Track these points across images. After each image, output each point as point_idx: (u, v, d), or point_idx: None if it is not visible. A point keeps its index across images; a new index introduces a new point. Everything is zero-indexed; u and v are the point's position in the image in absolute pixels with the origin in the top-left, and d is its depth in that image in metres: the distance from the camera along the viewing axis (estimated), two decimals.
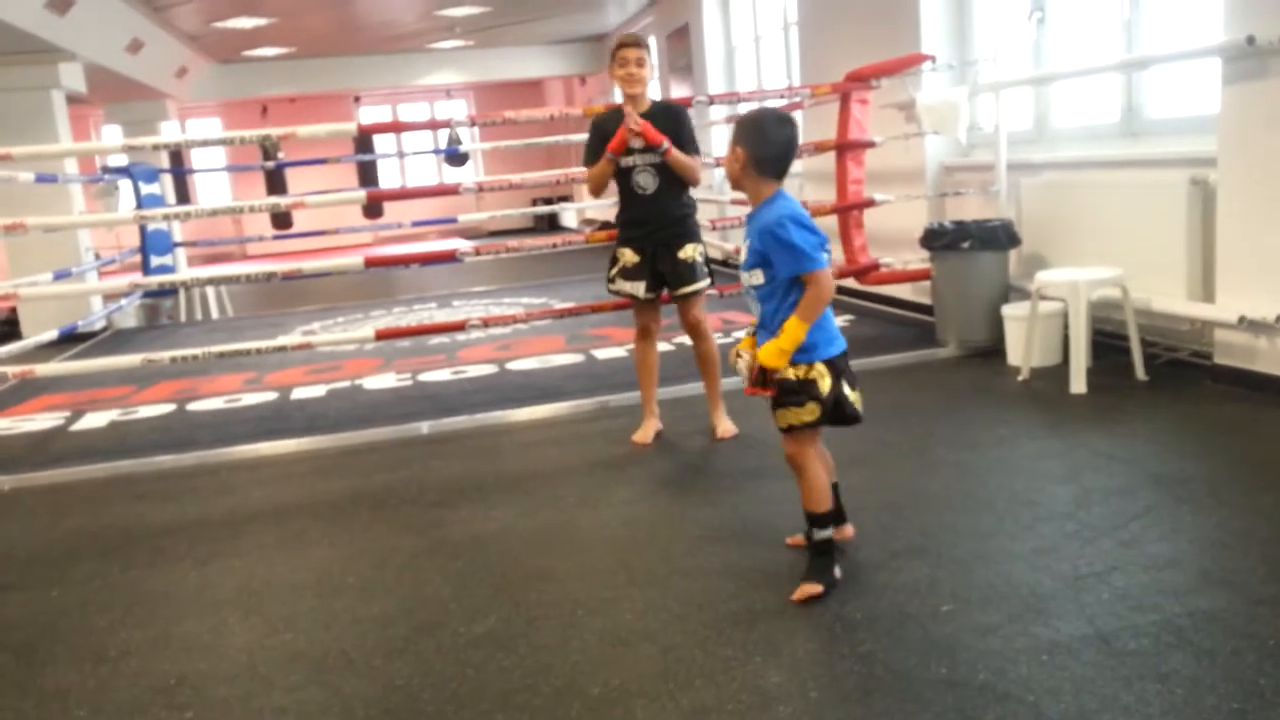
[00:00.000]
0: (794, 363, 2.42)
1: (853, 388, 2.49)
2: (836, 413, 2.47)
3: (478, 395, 4.92)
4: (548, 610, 2.49)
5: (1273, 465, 3.07)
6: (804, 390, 2.42)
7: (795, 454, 2.49)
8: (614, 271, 3.82)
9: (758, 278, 2.45)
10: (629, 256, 3.77)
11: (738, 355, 2.53)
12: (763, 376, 2.42)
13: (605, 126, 3.72)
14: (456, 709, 2.08)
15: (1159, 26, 4.39)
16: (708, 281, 3.80)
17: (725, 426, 3.84)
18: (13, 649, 2.55)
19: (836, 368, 2.45)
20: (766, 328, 2.47)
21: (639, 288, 3.77)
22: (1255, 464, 3.10)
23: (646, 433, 3.90)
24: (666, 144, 3.58)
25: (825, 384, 2.42)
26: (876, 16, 6.00)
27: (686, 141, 3.68)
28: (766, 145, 2.46)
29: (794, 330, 2.37)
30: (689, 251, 3.74)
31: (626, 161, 3.67)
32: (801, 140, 7.81)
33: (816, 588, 2.43)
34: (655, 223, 3.74)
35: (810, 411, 2.44)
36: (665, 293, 3.82)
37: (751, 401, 4.36)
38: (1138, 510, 2.76)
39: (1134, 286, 4.05)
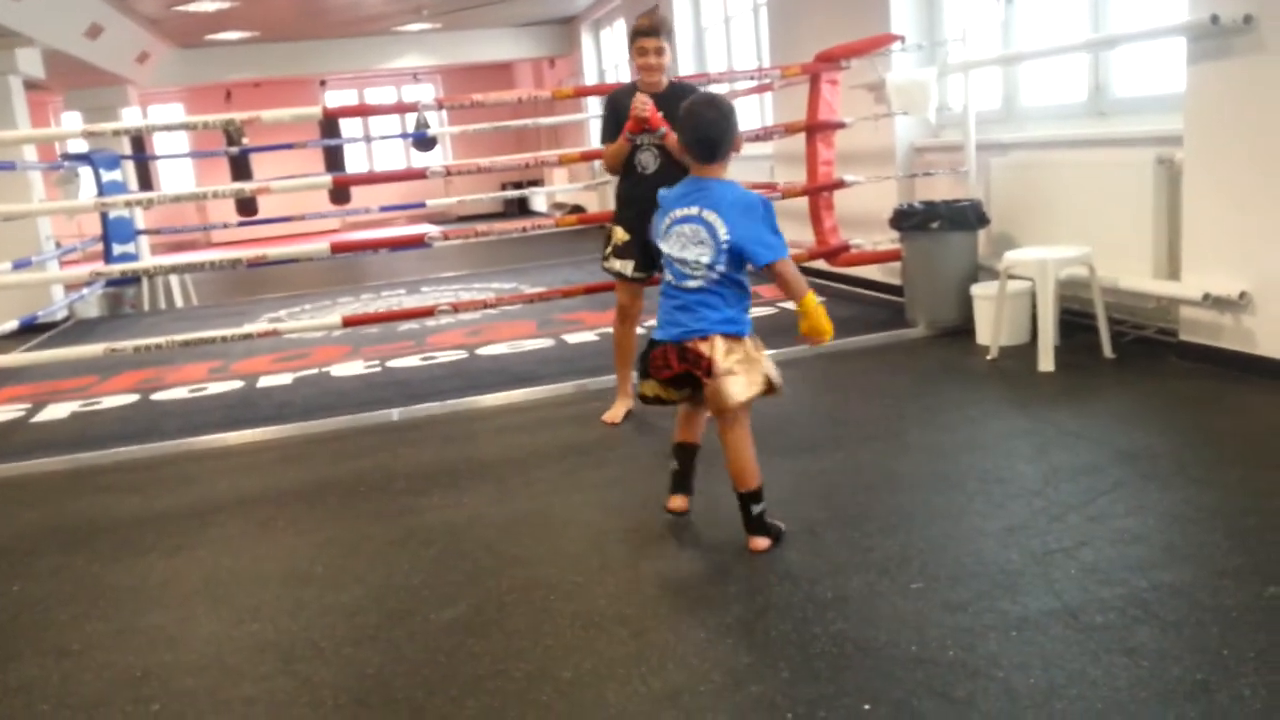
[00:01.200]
0: None
1: (646, 377, 2.64)
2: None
3: (448, 381, 4.88)
4: (519, 595, 2.48)
5: (1237, 440, 3.12)
6: None
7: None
8: (608, 250, 3.85)
9: None
10: (620, 235, 3.80)
11: None
12: None
13: (621, 103, 3.73)
14: (428, 695, 2.06)
15: (1125, 6, 4.41)
16: None
17: None
18: None
19: (649, 353, 2.64)
20: None
21: (628, 266, 3.81)
22: (1220, 439, 3.14)
23: (616, 412, 3.94)
24: (665, 130, 3.59)
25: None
26: None
27: None
28: (685, 130, 2.62)
29: None
30: None
31: (637, 139, 3.71)
32: (771, 121, 7.78)
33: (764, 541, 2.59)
34: (650, 202, 3.71)
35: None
36: (655, 275, 3.83)
37: None
38: (1105, 486, 2.79)
39: (1101, 265, 4.08)
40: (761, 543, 2.57)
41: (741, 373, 2.52)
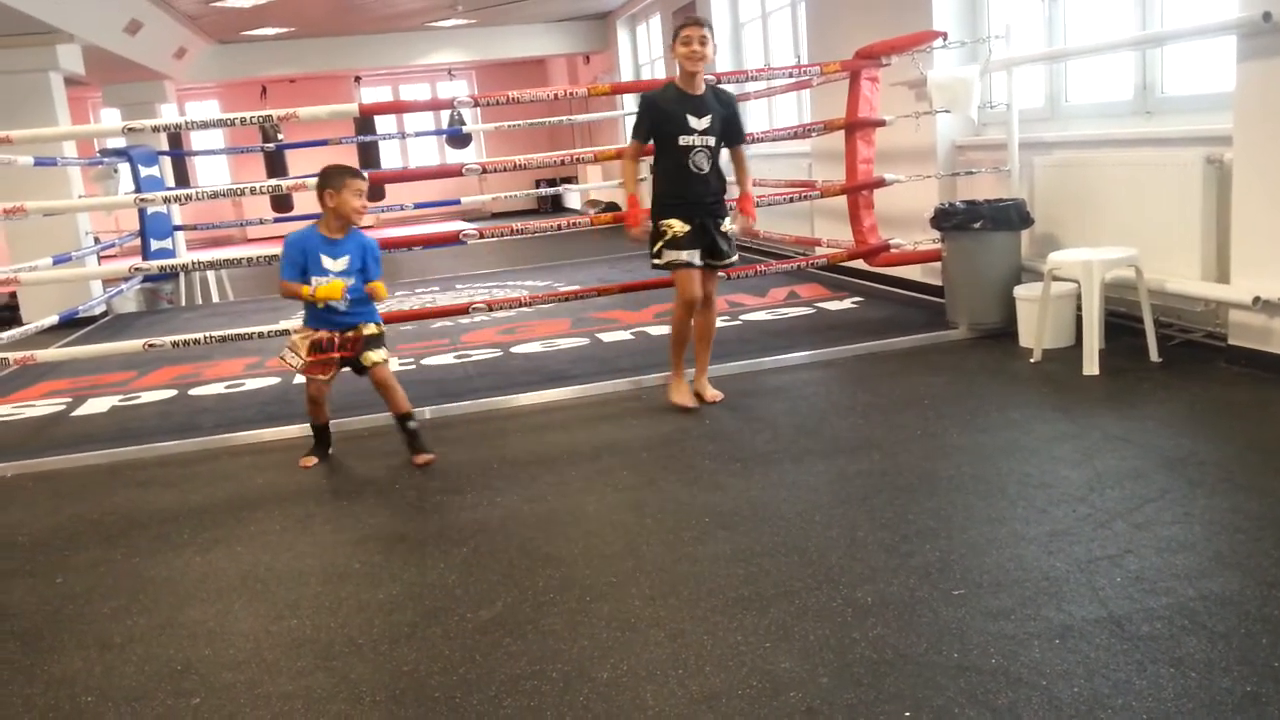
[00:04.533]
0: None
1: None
2: None
3: (482, 379, 4.89)
4: (555, 596, 2.47)
5: None
6: None
7: None
8: (660, 245, 3.91)
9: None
10: (679, 227, 3.87)
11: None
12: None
13: (659, 104, 3.86)
14: (464, 694, 2.06)
15: (1173, 2, 4.32)
16: (736, 256, 4.08)
17: (712, 392, 4.07)
18: (19, 635, 2.54)
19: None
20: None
21: (695, 255, 3.90)
22: (1269, 446, 3.07)
23: (685, 395, 4.05)
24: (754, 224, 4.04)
25: None
26: None
27: (739, 128, 3.96)
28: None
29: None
30: (728, 225, 3.99)
31: (685, 141, 3.83)
32: (810, 119, 7.74)
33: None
34: (707, 197, 3.92)
35: None
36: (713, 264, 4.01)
37: (764, 385, 4.33)
38: (1151, 493, 2.73)
39: (1148, 267, 4.00)
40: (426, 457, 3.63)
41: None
